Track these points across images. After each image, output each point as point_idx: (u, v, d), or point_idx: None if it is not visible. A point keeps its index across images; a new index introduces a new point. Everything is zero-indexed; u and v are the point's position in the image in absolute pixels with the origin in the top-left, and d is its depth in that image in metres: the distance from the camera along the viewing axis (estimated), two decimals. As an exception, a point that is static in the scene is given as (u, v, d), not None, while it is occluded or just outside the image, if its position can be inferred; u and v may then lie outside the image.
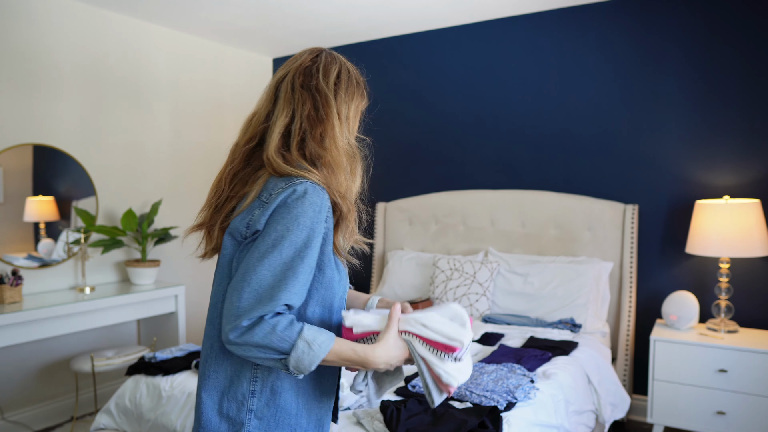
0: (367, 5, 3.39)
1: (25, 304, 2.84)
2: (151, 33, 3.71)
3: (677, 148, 3.12)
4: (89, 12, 3.35)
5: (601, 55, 3.31)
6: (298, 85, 1.17)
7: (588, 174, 3.37)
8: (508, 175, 3.63)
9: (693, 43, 3.06)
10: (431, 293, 3.48)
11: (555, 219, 3.38)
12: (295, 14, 3.53)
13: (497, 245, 3.56)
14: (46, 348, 3.26)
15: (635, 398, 3.23)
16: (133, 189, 3.64)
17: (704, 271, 3.07)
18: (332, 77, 1.20)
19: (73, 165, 3.31)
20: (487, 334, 2.83)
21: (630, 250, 3.17)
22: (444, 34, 3.83)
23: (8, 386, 3.12)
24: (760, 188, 2.92)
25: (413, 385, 2.11)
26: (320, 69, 1.20)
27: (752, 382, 2.64)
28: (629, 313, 3.16)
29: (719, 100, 3.01)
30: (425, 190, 3.94)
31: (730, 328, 2.85)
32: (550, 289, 3.17)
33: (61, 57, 3.23)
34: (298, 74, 1.19)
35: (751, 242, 2.73)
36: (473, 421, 1.76)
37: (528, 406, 2.03)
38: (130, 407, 2.36)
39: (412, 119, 3.98)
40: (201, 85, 4.06)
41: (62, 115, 3.26)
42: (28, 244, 3.17)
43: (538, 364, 2.39)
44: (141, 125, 3.68)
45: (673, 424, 2.82)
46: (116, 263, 3.57)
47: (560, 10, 3.41)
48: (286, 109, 1.17)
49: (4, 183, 3.04)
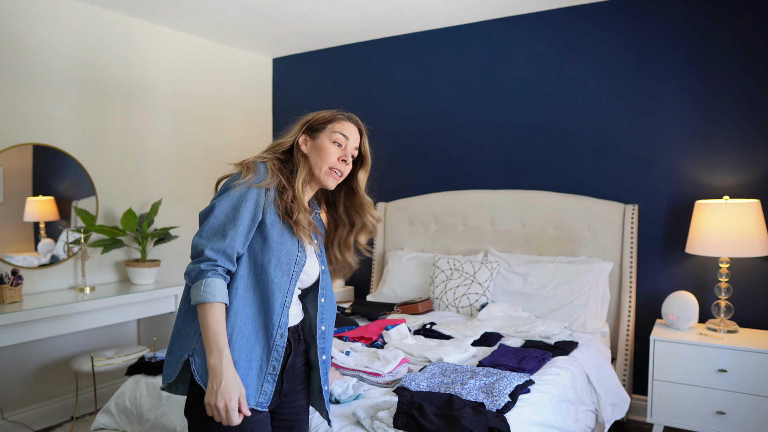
0: (366, 5, 3.39)
1: (25, 304, 2.84)
2: (151, 33, 3.71)
3: (677, 148, 3.12)
4: (89, 12, 3.35)
5: (601, 54, 3.31)
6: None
7: (588, 174, 3.37)
8: (508, 175, 3.63)
9: (693, 42, 3.06)
10: (431, 293, 3.48)
11: (555, 219, 3.38)
12: (295, 14, 3.54)
13: (497, 245, 3.56)
14: (46, 348, 3.26)
15: (635, 398, 3.23)
16: (133, 189, 3.64)
17: (704, 271, 3.07)
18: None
19: (73, 165, 3.31)
20: (487, 334, 2.83)
21: (630, 250, 3.17)
22: (444, 34, 3.83)
23: (8, 386, 3.12)
24: (760, 188, 2.92)
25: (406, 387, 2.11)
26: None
27: (752, 382, 2.64)
28: (629, 313, 3.16)
29: (719, 99, 3.01)
30: (425, 190, 3.94)
31: (730, 328, 2.85)
32: (549, 289, 3.17)
33: (61, 57, 3.23)
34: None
35: (750, 242, 2.74)
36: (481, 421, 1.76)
37: (528, 406, 2.03)
38: (130, 407, 2.36)
39: (412, 119, 3.98)
40: (201, 85, 4.06)
41: (62, 115, 3.26)
42: (28, 244, 3.17)
43: (538, 366, 2.39)
44: (141, 125, 3.68)
45: (672, 423, 2.83)
46: (116, 263, 3.57)
47: (560, 10, 3.41)
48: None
49: (4, 183, 3.04)
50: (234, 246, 1.36)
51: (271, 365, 1.41)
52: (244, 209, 1.37)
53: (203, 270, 1.34)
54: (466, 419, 1.76)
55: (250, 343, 1.39)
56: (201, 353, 1.36)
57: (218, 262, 1.35)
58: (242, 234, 1.37)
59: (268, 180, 1.41)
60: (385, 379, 2.22)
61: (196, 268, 1.35)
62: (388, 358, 2.33)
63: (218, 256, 1.35)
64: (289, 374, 1.52)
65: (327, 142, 1.53)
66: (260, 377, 1.40)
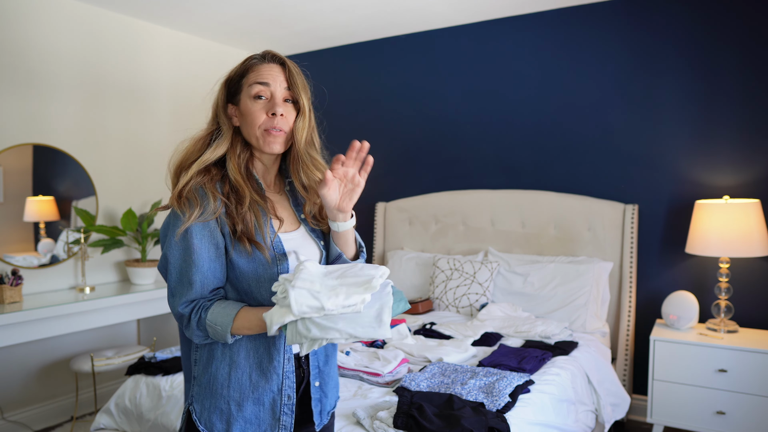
0: (366, 5, 3.39)
1: (25, 304, 2.84)
2: (151, 33, 3.71)
3: (677, 148, 3.12)
4: (89, 12, 3.35)
5: (601, 54, 3.31)
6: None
7: (588, 174, 3.37)
8: (508, 175, 3.63)
9: (693, 42, 3.06)
10: (431, 293, 3.48)
11: (555, 219, 3.38)
12: (295, 14, 3.54)
13: (497, 245, 3.56)
14: (46, 348, 3.26)
15: (635, 398, 3.23)
16: (133, 189, 3.64)
17: (704, 271, 3.07)
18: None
19: (73, 165, 3.31)
20: (487, 334, 2.83)
21: (630, 250, 3.17)
22: (444, 34, 3.83)
23: (8, 386, 3.12)
24: (760, 188, 2.92)
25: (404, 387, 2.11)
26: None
27: (752, 382, 2.64)
28: (629, 313, 3.16)
29: (719, 99, 3.01)
30: (425, 190, 3.94)
31: (730, 328, 2.85)
32: (549, 289, 3.17)
33: (61, 57, 3.23)
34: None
35: (750, 242, 2.74)
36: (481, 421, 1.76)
37: (528, 406, 2.03)
38: (130, 407, 2.36)
39: (412, 119, 3.98)
40: (201, 85, 4.06)
41: (62, 115, 3.26)
42: (28, 244, 3.17)
43: (538, 366, 2.39)
44: (141, 125, 3.68)
45: (672, 423, 2.83)
46: (116, 263, 3.57)
47: (560, 10, 3.41)
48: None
49: (4, 183, 3.04)
50: (206, 285, 1.19)
51: (285, 395, 1.25)
52: (199, 244, 1.18)
53: (195, 320, 1.18)
54: (466, 419, 1.77)
55: (254, 379, 1.23)
56: (199, 399, 1.25)
57: (198, 304, 1.19)
58: (210, 269, 1.19)
59: (212, 206, 1.19)
60: (385, 379, 2.22)
61: (190, 327, 1.19)
62: (388, 358, 2.33)
63: (194, 303, 1.20)
64: (304, 399, 1.32)
65: (248, 101, 1.24)
66: (275, 410, 1.24)
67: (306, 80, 1.31)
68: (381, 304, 1.08)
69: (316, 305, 1.05)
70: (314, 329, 1.07)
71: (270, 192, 1.34)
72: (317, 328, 1.06)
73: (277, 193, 1.35)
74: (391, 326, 2.79)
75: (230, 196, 1.22)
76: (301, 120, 1.27)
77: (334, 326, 1.06)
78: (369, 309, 1.07)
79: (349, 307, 1.05)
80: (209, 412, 1.24)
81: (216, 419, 1.24)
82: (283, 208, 1.33)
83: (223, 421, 1.23)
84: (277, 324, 1.08)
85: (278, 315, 1.08)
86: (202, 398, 1.25)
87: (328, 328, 1.06)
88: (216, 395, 1.24)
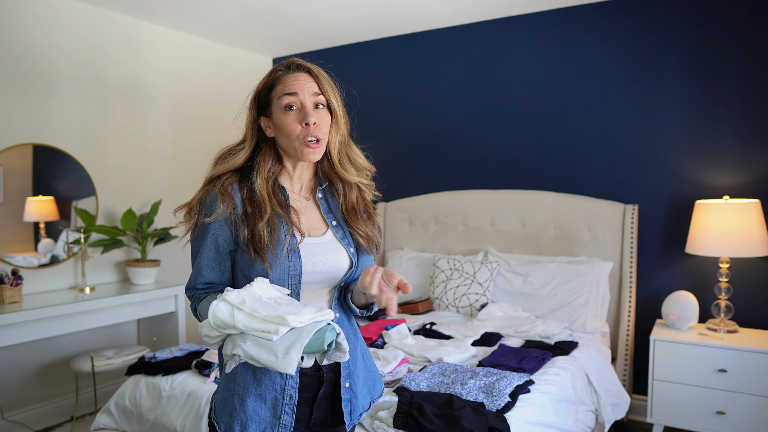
0: (366, 5, 3.39)
1: (25, 304, 2.84)
2: (151, 33, 3.71)
3: (677, 148, 3.12)
4: (89, 12, 3.35)
5: (601, 55, 3.31)
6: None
7: (588, 174, 3.37)
8: (508, 175, 3.63)
9: (693, 42, 3.06)
10: (431, 293, 3.48)
11: (555, 219, 3.38)
12: (295, 14, 3.54)
13: (497, 245, 3.56)
14: (46, 348, 3.26)
15: (635, 398, 3.23)
16: (133, 189, 3.64)
17: (704, 271, 3.07)
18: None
19: (73, 165, 3.31)
20: (487, 334, 2.83)
21: (630, 250, 3.17)
22: (444, 34, 3.83)
23: (8, 386, 3.12)
24: (760, 188, 2.92)
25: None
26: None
27: (752, 382, 2.64)
28: (629, 313, 3.16)
29: (719, 100, 3.01)
30: (425, 190, 3.94)
31: (730, 328, 2.85)
32: (549, 289, 3.17)
33: (61, 57, 3.23)
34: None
35: (750, 242, 2.74)
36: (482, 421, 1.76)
37: (528, 406, 2.03)
38: (130, 407, 2.36)
39: (412, 119, 3.98)
40: (201, 85, 4.06)
41: (62, 115, 3.26)
42: (28, 244, 3.17)
43: (538, 366, 2.39)
44: (141, 125, 3.68)
45: (672, 424, 2.83)
46: (116, 263, 3.57)
47: (560, 9, 3.41)
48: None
49: (4, 183, 3.04)
50: (200, 278, 1.29)
51: (287, 394, 1.26)
52: (202, 242, 1.28)
53: (192, 308, 1.33)
54: (466, 419, 1.77)
55: (258, 375, 1.26)
56: (220, 389, 1.32)
57: (195, 294, 1.31)
58: (207, 266, 1.28)
59: (221, 209, 1.24)
60: (385, 379, 2.22)
61: (194, 313, 1.33)
62: (388, 358, 2.33)
63: (192, 292, 1.32)
64: (322, 404, 1.31)
65: (280, 114, 1.26)
66: (276, 409, 1.26)
67: (333, 81, 1.35)
68: (296, 339, 1.09)
69: (229, 322, 1.10)
70: (228, 344, 1.13)
71: (298, 198, 1.35)
72: (230, 344, 1.13)
73: (306, 199, 1.36)
74: (390, 326, 2.79)
75: (247, 204, 1.26)
76: (334, 126, 1.31)
77: (242, 344, 1.11)
78: (283, 340, 1.09)
79: (262, 332, 1.09)
80: (221, 403, 1.29)
81: (223, 411, 1.28)
82: (311, 214, 1.34)
83: (227, 413, 1.27)
84: (205, 335, 1.16)
85: (207, 327, 1.15)
86: (221, 388, 1.31)
87: (236, 345, 1.11)
88: (227, 388, 1.29)
